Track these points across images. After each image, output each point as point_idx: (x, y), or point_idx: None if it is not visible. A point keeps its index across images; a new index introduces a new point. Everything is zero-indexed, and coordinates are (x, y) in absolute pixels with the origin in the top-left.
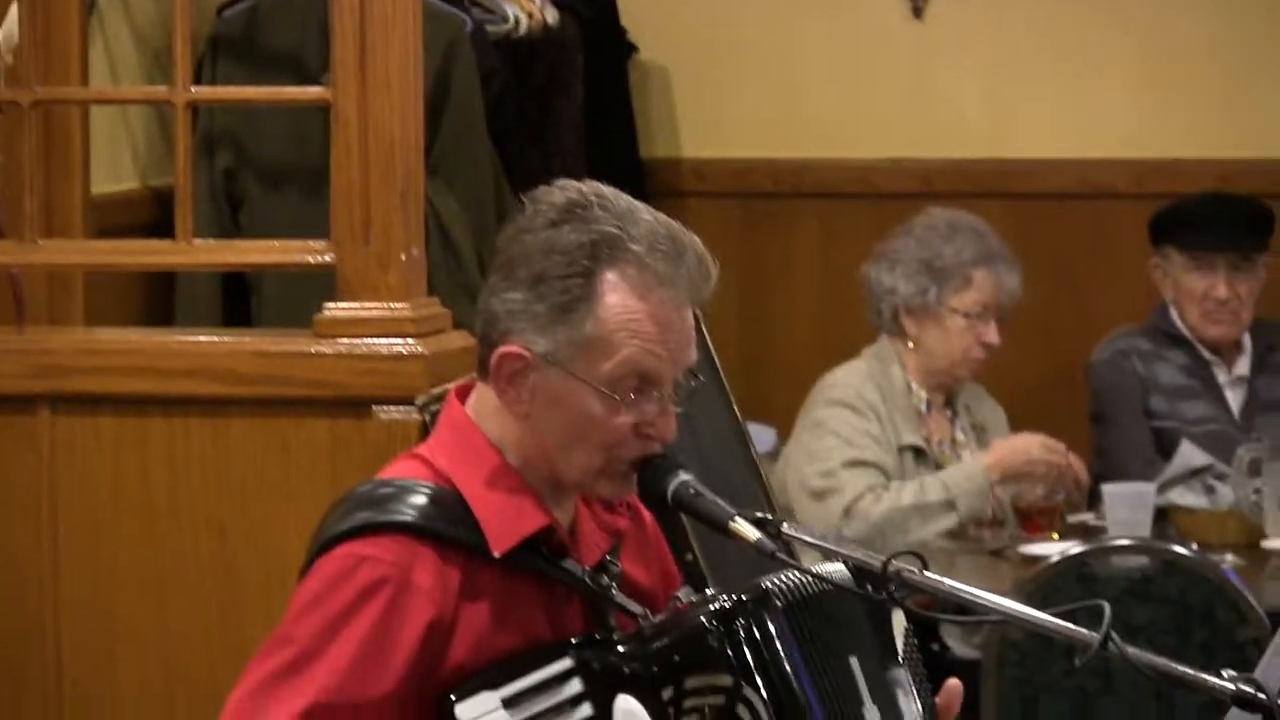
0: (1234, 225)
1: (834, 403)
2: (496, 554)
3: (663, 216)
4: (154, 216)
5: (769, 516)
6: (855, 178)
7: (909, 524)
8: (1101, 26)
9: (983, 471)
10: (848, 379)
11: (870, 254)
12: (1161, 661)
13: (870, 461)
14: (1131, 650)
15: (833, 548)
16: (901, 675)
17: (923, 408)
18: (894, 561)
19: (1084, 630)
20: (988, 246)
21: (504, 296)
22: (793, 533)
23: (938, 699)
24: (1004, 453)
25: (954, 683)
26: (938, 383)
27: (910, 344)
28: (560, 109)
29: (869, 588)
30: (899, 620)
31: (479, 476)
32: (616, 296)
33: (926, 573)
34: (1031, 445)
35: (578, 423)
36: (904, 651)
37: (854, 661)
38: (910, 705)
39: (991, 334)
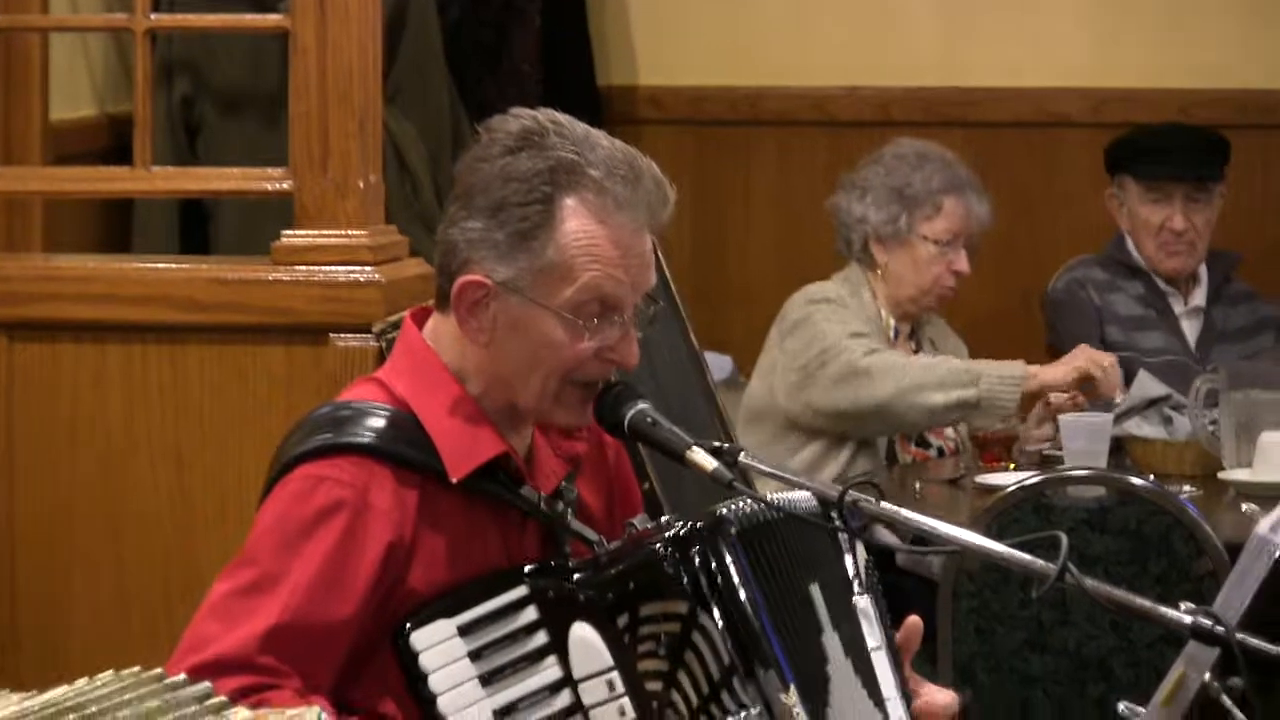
0: (1190, 155)
1: (816, 301)
2: (454, 479)
3: (620, 143)
4: (112, 143)
5: (726, 445)
6: (812, 106)
7: (927, 382)
8: None
9: (1021, 369)
10: (822, 288)
11: (838, 183)
12: (1119, 593)
13: (869, 334)
14: (1089, 582)
15: (790, 477)
16: (866, 603)
17: (892, 335)
18: (851, 491)
19: (1041, 561)
20: (957, 175)
21: (463, 226)
22: (750, 462)
23: (898, 635)
24: (1044, 370)
25: (914, 620)
26: (905, 312)
27: (880, 272)
28: (517, 37)
29: (821, 516)
30: (862, 550)
31: (437, 402)
32: (576, 222)
33: (883, 503)
34: (1081, 362)
35: (540, 349)
36: (867, 580)
37: (814, 589)
38: (875, 631)
39: (962, 262)
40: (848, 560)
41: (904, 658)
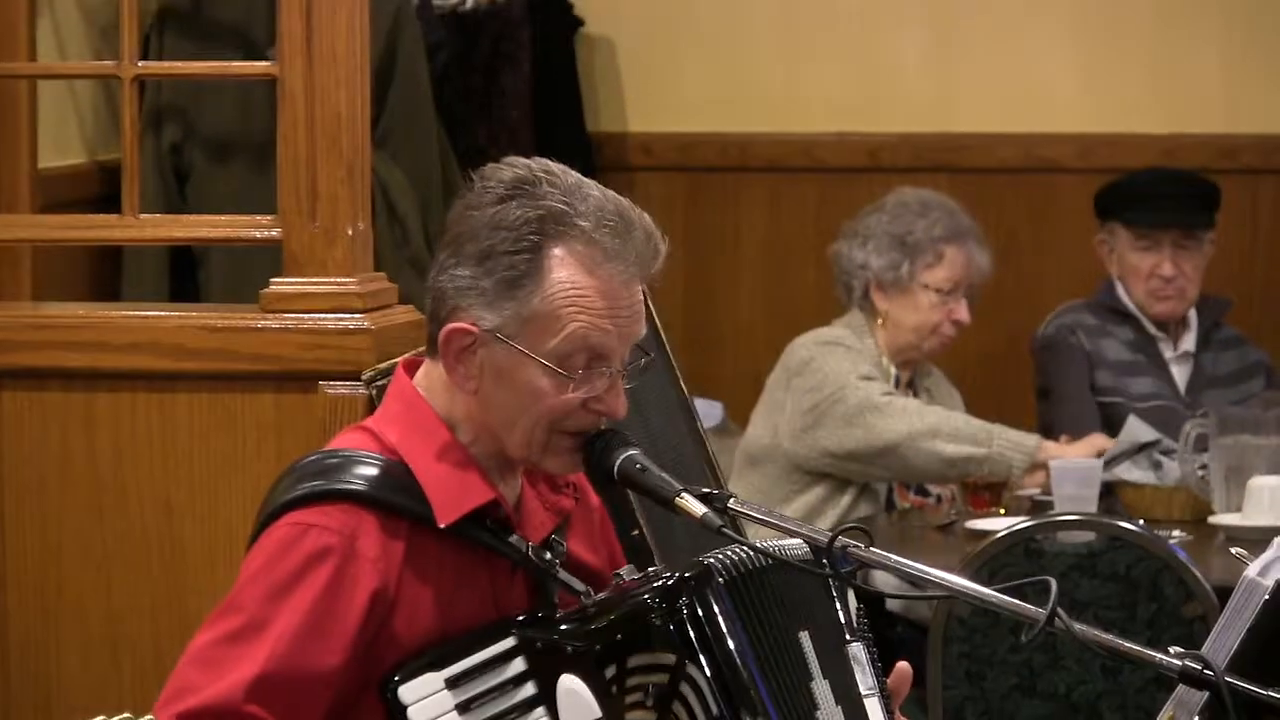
0: (1179, 203)
1: (825, 343)
2: (442, 525)
3: (611, 193)
4: (101, 191)
5: (715, 491)
6: (801, 151)
7: (941, 430)
8: (1045, 0)
9: (1035, 442)
10: (829, 331)
11: (840, 230)
12: (1108, 638)
13: (878, 379)
14: (1078, 626)
15: (779, 523)
16: (858, 649)
17: (893, 381)
18: (841, 537)
19: (1031, 606)
20: (960, 224)
21: (452, 273)
22: (739, 508)
23: (888, 680)
24: (1065, 450)
25: (904, 665)
26: (905, 359)
27: (880, 320)
28: (507, 83)
29: (809, 563)
30: (852, 596)
31: (426, 450)
32: (564, 271)
33: (872, 548)
34: (1095, 445)
35: (526, 398)
36: (859, 626)
37: (804, 636)
38: (866, 679)
39: (962, 311)
40: (839, 607)
41: (894, 703)
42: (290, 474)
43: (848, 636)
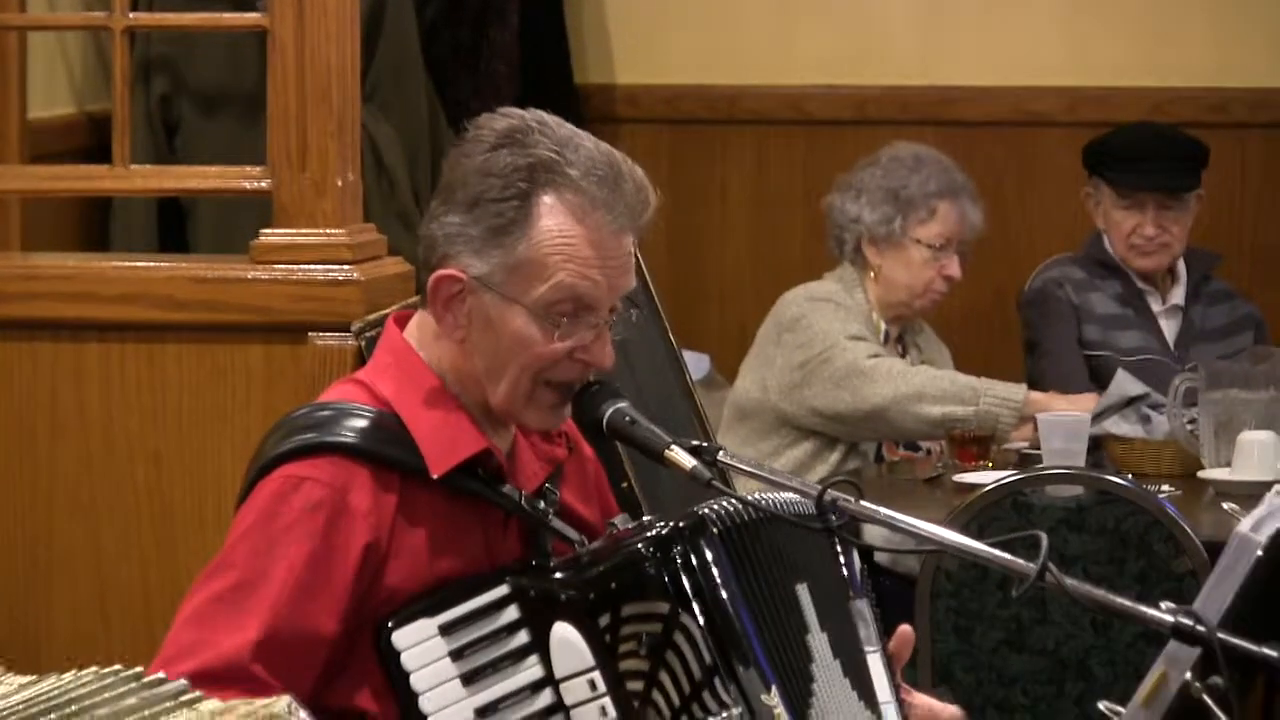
0: (1164, 164)
1: (816, 299)
2: (435, 475)
3: (604, 145)
4: (90, 142)
5: (705, 444)
6: (788, 104)
7: (927, 393)
8: None
9: (1021, 394)
10: (820, 286)
11: (834, 184)
12: (1100, 593)
13: (868, 338)
14: (1070, 582)
15: (769, 476)
16: (863, 605)
17: (882, 337)
18: (830, 490)
19: (1021, 561)
20: (953, 179)
21: (442, 220)
22: (729, 461)
23: (890, 644)
24: (1053, 400)
25: (905, 629)
26: (896, 315)
27: (872, 274)
28: (494, 35)
29: (799, 516)
30: (857, 553)
31: (418, 400)
32: (552, 220)
33: (862, 501)
34: (1084, 404)
35: (512, 345)
36: (863, 584)
37: (802, 589)
38: (871, 635)
39: (953, 267)
40: (843, 562)
41: (895, 665)
42: (281, 427)
43: (852, 592)
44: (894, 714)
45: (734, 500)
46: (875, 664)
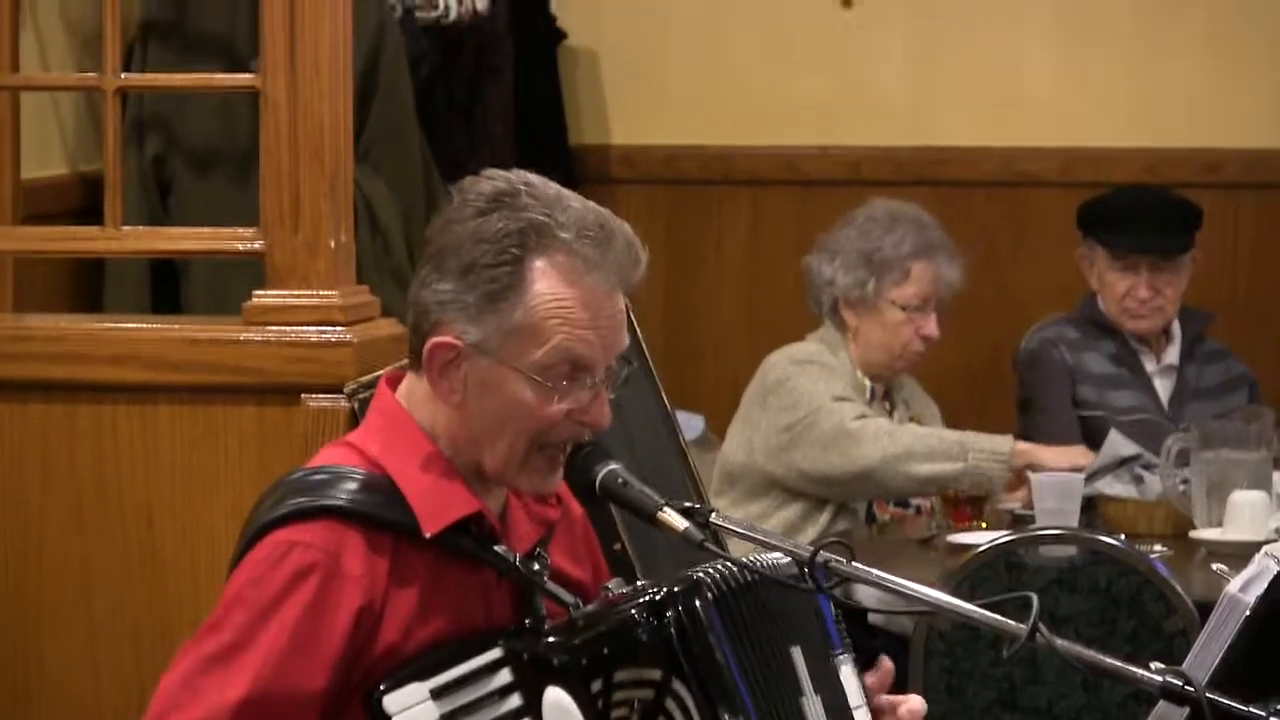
0: (1158, 226)
1: (800, 361)
2: (428, 534)
3: (592, 204)
4: (83, 202)
5: (697, 506)
6: (783, 165)
7: (915, 452)
8: (1027, 14)
9: (1008, 446)
10: (804, 348)
11: (814, 244)
12: (1090, 653)
13: (853, 398)
14: (1060, 642)
15: (761, 537)
16: (844, 663)
17: (868, 395)
18: (823, 551)
19: (1012, 621)
20: (928, 238)
21: (434, 287)
22: (721, 522)
23: (870, 679)
24: (1039, 450)
25: (887, 663)
26: (877, 374)
27: (851, 335)
28: (489, 95)
29: (791, 577)
30: (832, 609)
31: (411, 462)
32: (546, 284)
33: (854, 563)
34: (1075, 457)
35: (510, 411)
36: (844, 640)
37: (796, 651)
38: (855, 691)
39: (930, 326)
40: (825, 621)
41: (874, 694)
42: (274, 491)
43: (835, 651)
44: None
45: (728, 563)
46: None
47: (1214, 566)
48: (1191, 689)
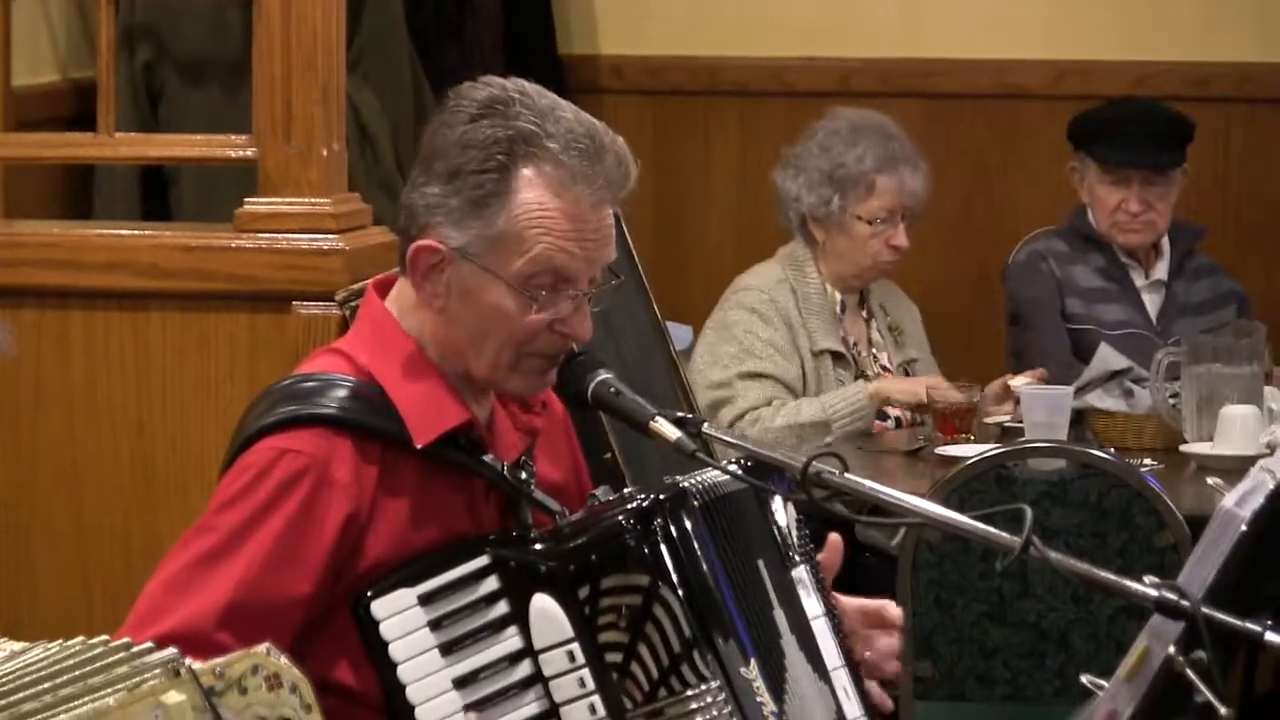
0: (1149, 140)
1: (744, 307)
2: (419, 445)
3: (585, 115)
4: (73, 109)
5: (689, 415)
6: (771, 76)
7: (786, 444)
8: None
9: (866, 397)
10: (762, 283)
11: (779, 157)
12: (1085, 567)
13: (768, 374)
14: (1054, 555)
15: (753, 448)
16: (803, 572)
17: (838, 309)
18: (814, 462)
19: (1005, 534)
20: (890, 150)
21: (422, 190)
22: (713, 432)
23: (820, 555)
24: (892, 388)
25: (834, 538)
26: (849, 285)
27: (820, 250)
28: (479, 5)
29: (781, 486)
30: (790, 513)
31: (400, 370)
32: (531, 193)
33: (846, 474)
34: (920, 392)
35: (490, 318)
36: (800, 545)
37: (760, 563)
38: (812, 603)
39: (899, 237)
40: (780, 532)
41: (825, 575)
42: (264, 398)
43: (793, 559)
44: (845, 678)
45: (715, 471)
46: (821, 630)
47: (1209, 480)
48: (1187, 603)
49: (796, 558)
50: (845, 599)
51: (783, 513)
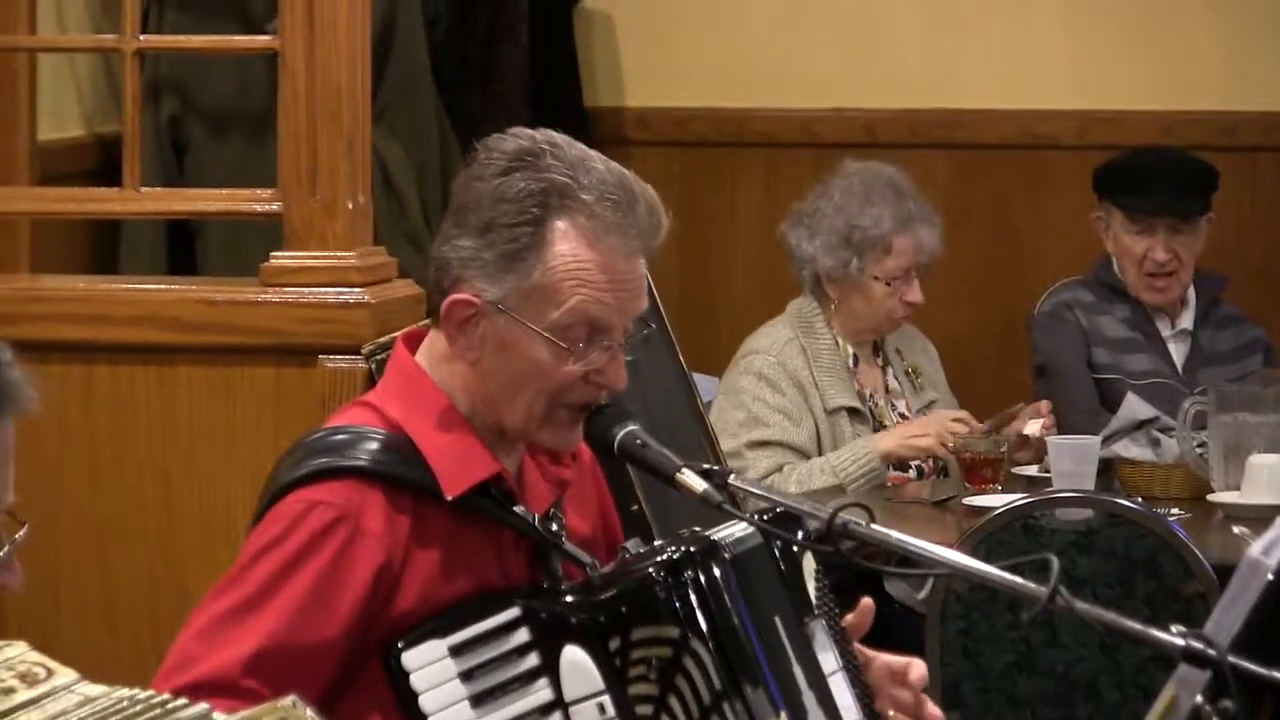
0: (1175, 188)
1: (751, 373)
2: (450, 497)
3: (616, 165)
4: (99, 163)
5: (715, 467)
6: (798, 127)
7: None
8: None
9: (876, 457)
10: (770, 345)
11: (789, 212)
12: (1111, 616)
13: (776, 441)
14: (1081, 605)
15: (779, 499)
16: (818, 628)
17: (850, 363)
18: (841, 514)
19: (1032, 584)
20: (905, 209)
21: (455, 244)
22: (739, 484)
23: (850, 617)
24: (897, 443)
25: (866, 601)
26: (862, 339)
27: (833, 305)
28: (505, 56)
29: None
30: (809, 565)
31: (430, 422)
32: (566, 245)
33: (873, 525)
34: (931, 440)
35: (526, 370)
36: (818, 597)
37: (777, 619)
38: (829, 658)
39: (914, 293)
40: (803, 580)
41: (852, 635)
42: (295, 451)
43: (811, 615)
44: None
45: (743, 524)
46: (838, 684)
47: (1234, 529)
48: (1214, 652)
49: (815, 611)
50: (873, 654)
51: (803, 565)
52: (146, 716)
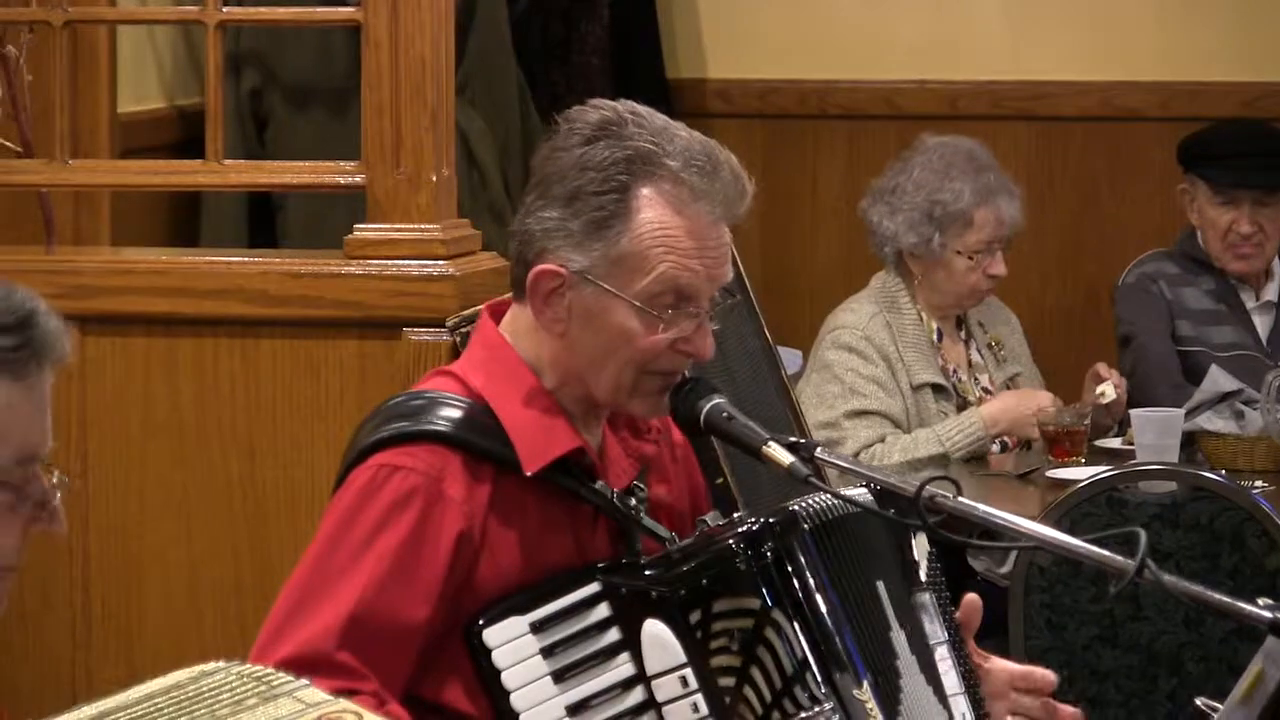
0: (1261, 162)
1: (840, 346)
2: (529, 472)
3: (699, 134)
4: (179, 136)
5: (802, 440)
6: (880, 99)
7: (904, 471)
8: None
9: (981, 425)
10: (856, 320)
11: (869, 189)
12: (1199, 589)
13: (875, 410)
14: (1168, 578)
15: (867, 473)
16: (927, 599)
17: (934, 338)
18: (928, 487)
19: (1119, 557)
20: (986, 182)
21: (539, 215)
22: (826, 457)
23: (958, 614)
24: (1005, 415)
25: (971, 597)
26: (946, 314)
27: (916, 280)
28: (586, 29)
29: (896, 511)
30: (922, 543)
31: (512, 395)
32: (652, 212)
33: (960, 498)
34: (1030, 416)
35: (614, 339)
36: (928, 575)
37: (880, 585)
38: (936, 629)
39: (997, 266)
40: (911, 553)
41: (965, 634)
42: (376, 416)
43: (918, 584)
44: (964, 705)
45: (825, 494)
46: (943, 656)
47: None
48: None
49: (922, 583)
50: (997, 660)
51: (914, 541)
52: (250, 689)
